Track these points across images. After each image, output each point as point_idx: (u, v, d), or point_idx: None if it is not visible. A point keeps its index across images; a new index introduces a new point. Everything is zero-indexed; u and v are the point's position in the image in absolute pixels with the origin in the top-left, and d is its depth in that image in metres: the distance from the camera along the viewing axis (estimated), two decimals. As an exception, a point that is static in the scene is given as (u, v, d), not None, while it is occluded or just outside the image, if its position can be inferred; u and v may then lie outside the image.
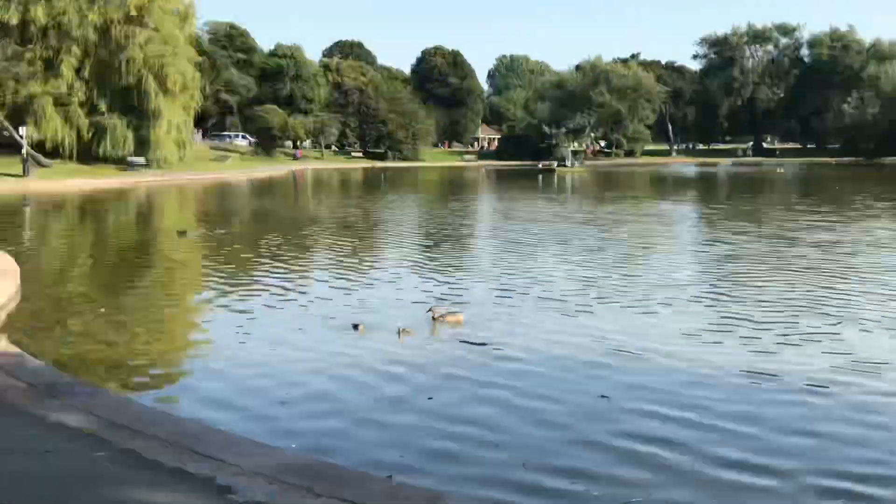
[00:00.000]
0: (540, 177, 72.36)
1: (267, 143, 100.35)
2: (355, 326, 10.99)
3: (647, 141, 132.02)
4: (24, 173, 49.68)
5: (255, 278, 15.85)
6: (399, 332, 10.73)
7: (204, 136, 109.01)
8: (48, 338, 10.70)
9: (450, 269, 16.87)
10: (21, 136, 51.40)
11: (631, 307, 12.61)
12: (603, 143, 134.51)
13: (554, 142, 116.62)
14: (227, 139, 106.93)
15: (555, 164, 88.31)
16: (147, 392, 8.54)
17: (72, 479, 5.45)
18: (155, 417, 7.07)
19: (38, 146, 54.64)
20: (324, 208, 34.93)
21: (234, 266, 17.52)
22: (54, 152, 56.51)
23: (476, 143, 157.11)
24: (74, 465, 5.74)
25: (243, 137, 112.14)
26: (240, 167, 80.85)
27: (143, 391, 8.57)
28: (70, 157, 57.67)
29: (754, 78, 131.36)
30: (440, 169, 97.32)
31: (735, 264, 17.21)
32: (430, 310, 11.68)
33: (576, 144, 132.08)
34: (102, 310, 12.41)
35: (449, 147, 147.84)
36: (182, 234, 23.30)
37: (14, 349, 9.42)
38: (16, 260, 16.00)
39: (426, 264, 17.55)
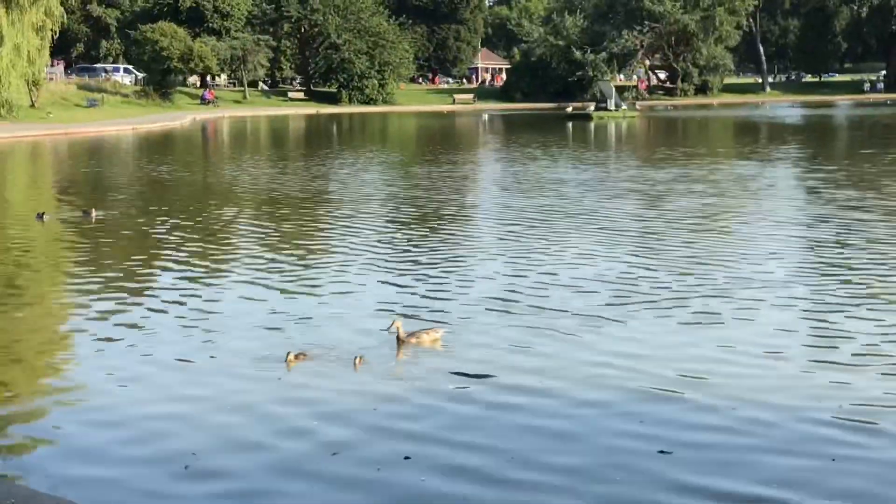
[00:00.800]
0: (569, 125, 72.78)
1: (161, 79, 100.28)
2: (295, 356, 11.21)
3: (730, 71, 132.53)
4: None
5: (142, 285, 16.07)
6: (356, 361, 11.02)
7: (68, 69, 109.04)
8: None
9: (424, 266, 17.12)
10: None
11: (692, 320, 12.91)
12: (663, 76, 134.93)
13: (590, 73, 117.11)
14: (103, 74, 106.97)
15: (591, 106, 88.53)
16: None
17: None
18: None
19: None
20: (244, 177, 35.14)
21: (113, 266, 17.72)
22: None
23: (474, 77, 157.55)
24: None
25: (126, 71, 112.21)
26: (120, 115, 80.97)
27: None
28: None
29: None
30: (419, 116, 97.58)
31: (847, 257, 17.53)
32: (392, 325, 11.97)
33: (622, 77, 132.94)
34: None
35: (434, 83, 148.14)
36: (39, 217, 23.64)
37: None
38: None
39: (389, 261, 17.80)
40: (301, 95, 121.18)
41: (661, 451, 8.57)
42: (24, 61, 64.24)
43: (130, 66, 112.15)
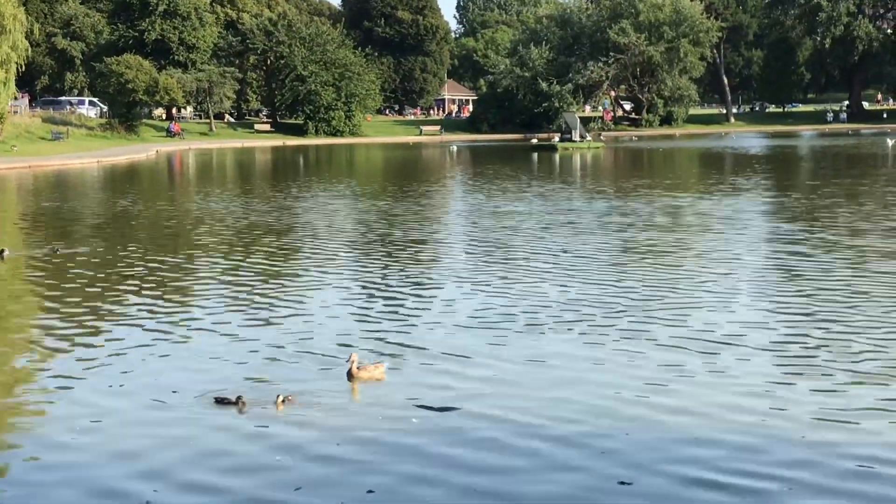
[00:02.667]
0: (534, 156, 73.30)
1: (127, 112, 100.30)
2: (236, 401, 11.37)
3: (694, 102, 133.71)
4: None
5: (103, 322, 16.33)
6: (277, 401, 11.25)
7: (33, 102, 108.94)
8: None
9: (388, 300, 17.45)
10: None
11: (653, 354, 13.32)
12: (629, 107, 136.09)
13: (556, 104, 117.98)
14: (68, 107, 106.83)
15: (556, 137, 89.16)
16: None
17: None
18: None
19: None
20: (209, 210, 35.33)
21: (74, 302, 17.92)
22: None
23: (440, 109, 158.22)
24: None
25: (91, 104, 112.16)
26: (85, 148, 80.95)
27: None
28: None
29: (850, 6, 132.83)
30: (386, 147, 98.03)
31: (816, 296, 17.96)
32: (349, 360, 12.32)
33: (588, 108, 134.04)
34: None
35: (400, 114, 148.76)
36: (0, 254, 23.50)
37: None
38: None
39: (351, 294, 18.14)
40: (267, 127, 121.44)
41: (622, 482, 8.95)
42: (-13, 95, 64.37)
43: (95, 99, 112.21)
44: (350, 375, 12.10)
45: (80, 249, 25.02)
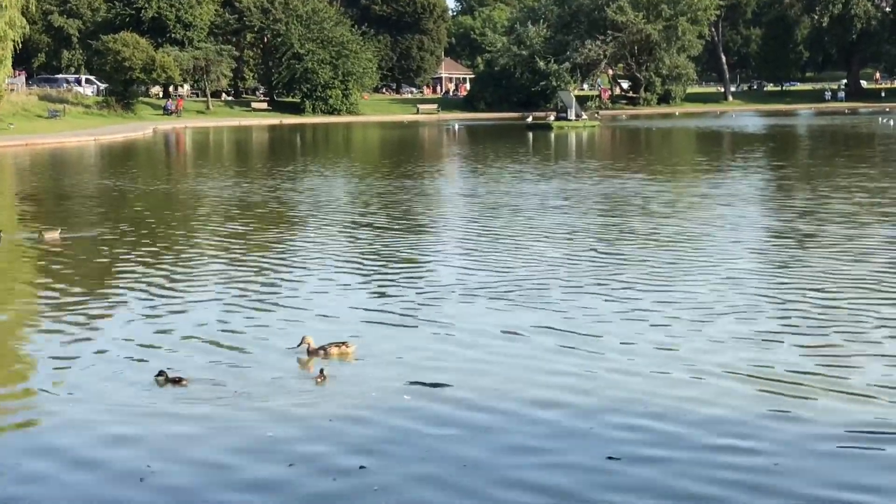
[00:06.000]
0: (529, 135, 73.38)
1: (123, 90, 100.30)
2: (175, 380, 11.50)
3: (692, 80, 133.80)
4: None
5: (99, 304, 16.49)
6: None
7: (29, 80, 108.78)
8: None
9: (377, 275, 17.65)
10: None
11: (640, 337, 13.51)
12: (626, 85, 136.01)
13: (553, 83, 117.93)
14: (64, 85, 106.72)
15: (551, 116, 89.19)
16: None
17: None
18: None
19: None
20: (205, 189, 35.46)
21: (70, 284, 18.07)
22: None
23: (437, 87, 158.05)
24: None
25: (88, 82, 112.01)
26: (82, 126, 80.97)
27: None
28: None
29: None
30: (383, 126, 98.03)
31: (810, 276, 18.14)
32: (301, 342, 12.58)
33: (585, 87, 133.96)
34: None
35: (397, 92, 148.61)
36: None
37: None
38: None
39: (349, 271, 18.34)
40: (265, 106, 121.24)
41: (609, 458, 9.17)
42: (-17, 73, 64.35)
43: (92, 77, 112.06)
44: (308, 354, 12.41)
45: (82, 234, 24.63)
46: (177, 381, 11.41)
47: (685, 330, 13.55)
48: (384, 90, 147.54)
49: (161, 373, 11.56)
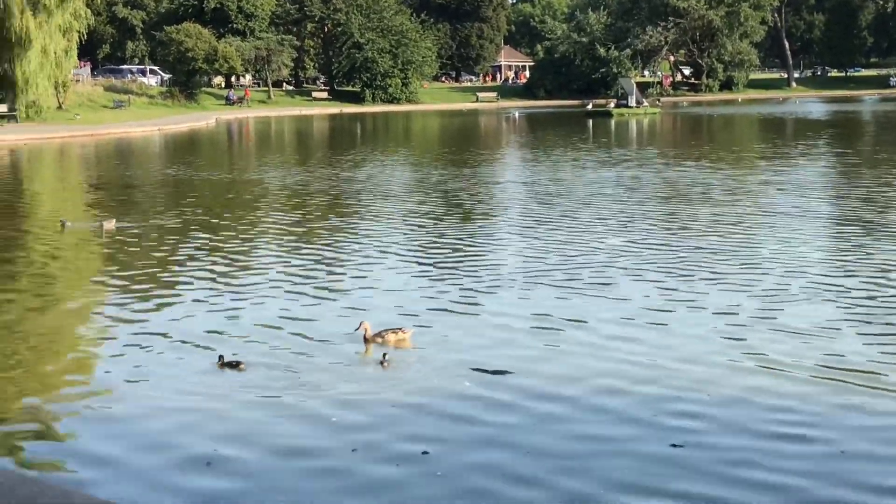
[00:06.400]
0: (589, 123, 73.06)
1: (186, 80, 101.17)
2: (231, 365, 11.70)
3: (755, 66, 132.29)
4: None
5: (164, 291, 16.67)
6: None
7: (94, 71, 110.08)
8: None
9: (443, 265, 17.67)
10: None
11: (703, 325, 13.44)
12: (687, 72, 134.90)
13: (614, 70, 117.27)
14: (129, 75, 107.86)
15: (611, 103, 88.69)
16: (20, 455, 9.40)
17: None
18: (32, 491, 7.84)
19: None
20: (268, 179, 35.66)
21: (132, 273, 18.27)
22: None
23: (497, 75, 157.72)
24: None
25: (152, 72, 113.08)
26: (146, 116, 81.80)
27: (12, 455, 9.43)
28: None
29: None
30: (443, 115, 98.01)
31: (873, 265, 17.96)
32: (360, 326, 12.66)
33: (647, 73, 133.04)
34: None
35: (456, 81, 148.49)
36: (62, 225, 23.33)
37: None
38: None
39: (409, 262, 18.40)
40: (325, 95, 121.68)
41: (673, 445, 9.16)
42: (51, 63, 65.24)
43: (156, 67, 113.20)
44: (366, 341, 12.49)
45: (146, 222, 24.85)
46: (234, 366, 11.58)
47: (748, 318, 13.46)
48: (443, 79, 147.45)
49: (220, 357, 11.74)
